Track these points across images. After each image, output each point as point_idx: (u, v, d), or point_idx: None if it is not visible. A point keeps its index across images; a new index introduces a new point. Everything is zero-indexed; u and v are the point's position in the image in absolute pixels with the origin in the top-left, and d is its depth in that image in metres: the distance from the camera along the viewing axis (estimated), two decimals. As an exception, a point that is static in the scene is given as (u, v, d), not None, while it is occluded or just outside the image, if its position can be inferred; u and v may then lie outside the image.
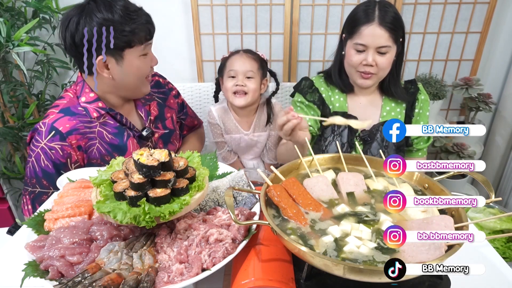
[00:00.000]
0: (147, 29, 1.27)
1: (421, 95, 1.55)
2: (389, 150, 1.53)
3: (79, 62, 1.28)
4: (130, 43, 1.23)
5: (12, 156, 2.20)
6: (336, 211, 0.86)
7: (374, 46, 1.37)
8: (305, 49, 2.25)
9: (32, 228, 0.93)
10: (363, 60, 1.40)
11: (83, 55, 1.23)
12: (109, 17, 1.19)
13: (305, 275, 0.79)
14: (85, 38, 1.19)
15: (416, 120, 1.55)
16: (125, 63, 1.26)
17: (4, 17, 1.90)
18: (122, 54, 1.24)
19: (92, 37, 1.19)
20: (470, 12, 2.12)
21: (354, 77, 1.48)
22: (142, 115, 1.47)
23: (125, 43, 1.22)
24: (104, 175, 0.91)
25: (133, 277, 0.74)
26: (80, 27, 1.19)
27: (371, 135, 1.52)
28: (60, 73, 2.33)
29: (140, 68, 1.31)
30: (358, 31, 1.39)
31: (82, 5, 1.22)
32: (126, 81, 1.31)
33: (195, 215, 0.93)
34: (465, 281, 0.88)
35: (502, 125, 2.39)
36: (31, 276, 0.77)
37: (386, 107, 1.55)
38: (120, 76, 1.28)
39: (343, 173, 0.98)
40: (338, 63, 1.53)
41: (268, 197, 0.87)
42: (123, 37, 1.21)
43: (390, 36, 1.36)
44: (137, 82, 1.34)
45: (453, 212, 0.82)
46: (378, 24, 1.35)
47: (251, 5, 2.13)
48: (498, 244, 1.58)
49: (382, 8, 1.37)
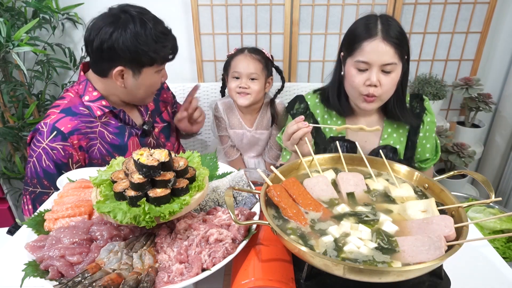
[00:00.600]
0: (172, 53, 1.32)
1: (427, 116, 1.41)
2: None
3: (97, 64, 1.30)
4: (152, 62, 1.27)
5: (12, 156, 2.20)
6: (336, 211, 0.86)
7: (379, 64, 1.22)
8: (305, 49, 2.25)
9: (32, 228, 0.93)
10: (366, 80, 1.25)
11: (105, 60, 1.26)
12: (141, 33, 1.22)
13: (305, 275, 0.79)
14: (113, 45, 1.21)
15: (421, 143, 1.42)
16: (141, 77, 1.30)
17: (4, 17, 1.90)
18: (141, 70, 1.28)
19: (119, 48, 1.21)
20: (470, 12, 2.12)
21: (356, 100, 1.33)
22: (142, 110, 1.49)
23: (148, 61, 1.26)
24: (104, 175, 0.91)
25: (133, 277, 0.74)
26: (113, 37, 1.21)
27: None
28: (60, 73, 2.33)
29: (153, 84, 1.35)
30: (359, 48, 1.24)
31: (115, 15, 1.24)
32: (136, 92, 1.34)
33: (195, 215, 0.93)
34: (465, 281, 0.89)
35: (502, 125, 2.39)
36: (31, 276, 0.77)
37: (388, 128, 1.42)
38: (131, 87, 1.32)
39: (343, 173, 0.98)
40: (337, 84, 1.38)
41: (268, 197, 0.87)
42: (147, 56, 1.25)
43: (395, 52, 1.22)
44: (145, 94, 1.38)
45: (453, 212, 0.82)
46: (382, 39, 1.21)
47: (251, 5, 2.13)
48: (498, 244, 1.58)
49: (385, 22, 1.23)
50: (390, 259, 0.72)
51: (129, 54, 1.22)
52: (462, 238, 0.72)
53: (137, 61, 1.25)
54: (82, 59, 2.26)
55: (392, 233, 0.78)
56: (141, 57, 1.24)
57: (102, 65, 1.28)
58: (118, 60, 1.24)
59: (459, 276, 0.83)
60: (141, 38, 1.22)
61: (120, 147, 1.38)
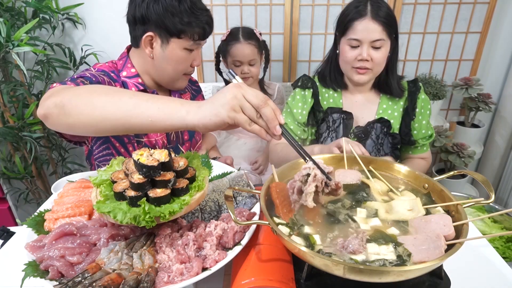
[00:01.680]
0: (203, 29, 1.28)
1: (422, 94, 1.55)
2: (384, 147, 1.53)
3: (132, 32, 1.31)
4: (180, 33, 1.25)
5: (12, 156, 2.21)
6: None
7: (368, 41, 1.37)
8: (305, 49, 2.26)
9: (32, 228, 0.93)
10: (358, 55, 1.40)
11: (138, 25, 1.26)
12: (175, 4, 1.21)
13: (305, 275, 0.79)
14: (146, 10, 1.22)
15: (418, 119, 1.54)
16: (168, 49, 1.27)
17: (4, 17, 1.90)
18: (169, 40, 1.26)
19: (152, 15, 1.22)
20: (470, 12, 2.12)
21: (349, 73, 1.47)
22: None
23: (177, 31, 1.24)
24: (104, 175, 0.91)
25: (133, 277, 0.74)
26: (145, 3, 1.22)
27: (365, 132, 1.52)
28: (60, 73, 2.33)
29: (179, 61, 1.31)
30: (351, 27, 1.39)
31: None
32: (163, 66, 1.31)
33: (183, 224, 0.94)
34: (465, 281, 0.89)
35: (502, 125, 2.39)
36: (31, 276, 0.77)
37: (383, 105, 1.55)
38: (159, 59, 1.30)
39: (341, 170, 0.99)
40: (333, 63, 1.53)
41: (268, 197, 0.87)
42: (177, 25, 1.23)
43: (383, 29, 1.36)
44: (173, 73, 1.34)
45: (453, 212, 0.82)
46: (371, 18, 1.36)
47: (251, 5, 2.13)
48: (498, 244, 1.58)
49: (374, 4, 1.38)
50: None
51: (156, 17, 1.21)
52: (461, 238, 0.72)
53: (166, 28, 1.23)
54: (82, 59, 2.26)
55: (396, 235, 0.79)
56: (169, 24, 1.22)
57: (136, 31, 1.28)
58: (149, 24, 1.24)
59: (459, 276, 0.83)
60: (173, 5, 1.21)
61: None
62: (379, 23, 1.35)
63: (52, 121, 0.94)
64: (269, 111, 0.77)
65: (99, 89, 0.94)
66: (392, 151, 1.54)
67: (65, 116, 0.90)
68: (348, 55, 1.42)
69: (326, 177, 0.84)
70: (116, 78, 1.33)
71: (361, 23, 1.37)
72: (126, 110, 0.84)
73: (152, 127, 0.84)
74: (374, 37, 1.36)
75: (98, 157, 1.37)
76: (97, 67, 1.32)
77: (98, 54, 2.27)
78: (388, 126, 1.51)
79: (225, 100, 0.77)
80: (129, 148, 1.36)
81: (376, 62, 1.40)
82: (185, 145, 1.53)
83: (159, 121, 0.82)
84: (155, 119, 0.82)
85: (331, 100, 1.57)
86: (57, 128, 0.98)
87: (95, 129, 0.90)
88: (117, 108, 0.85)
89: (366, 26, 1.36)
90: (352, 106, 1.55)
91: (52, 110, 0.92)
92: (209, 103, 0.79)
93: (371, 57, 1.39)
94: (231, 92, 0.77)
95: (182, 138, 1.51)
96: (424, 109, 1.54)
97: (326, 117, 1.55)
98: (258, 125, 0.78)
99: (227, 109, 0.76)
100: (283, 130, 0.78)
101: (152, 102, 0.84)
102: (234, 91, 0.77)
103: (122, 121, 0.85)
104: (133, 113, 0.84)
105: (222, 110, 0.76)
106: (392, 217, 0.84)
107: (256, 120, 0.78)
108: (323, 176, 0.83)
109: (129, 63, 1.35)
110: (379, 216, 0.84)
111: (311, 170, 0.82)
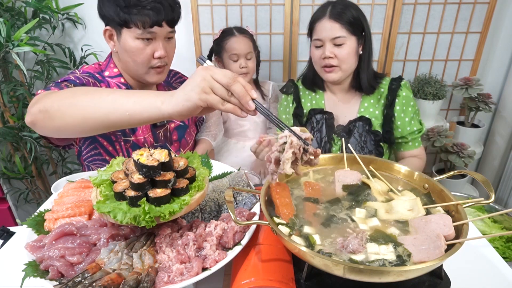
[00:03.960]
0: (149, 15, 1.22)
1: (402, 91, 1.54)
2: (368, 145, 1.54)
3: None
4: (126, 23, 1.23)
5: (12, 156, 2.20)
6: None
7: (329, 39, 1.43)
8: (305, 49, 2.25)
9: (32, 228, 0.93)
10: (322, 54, 1.46)
11: None
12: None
13: (305, 275, 0.79)
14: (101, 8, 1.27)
15: (400, 117, 1.54)
16: (122, 40, 1.28)
17: (4, 17, 1.90)
18: (121, 31, 1.27)
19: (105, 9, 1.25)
20: (470, 12, 2.12)
21: (321, 73, 1.53)
22: None
23: (122, 21, 1.23)
24: (104, 175, 0.91)
25: (133, 277, 0.74)
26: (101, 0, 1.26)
27: (347, 131, 1.55)
28: (60, 73, 2.33)
29: (136, 52, 1.27)
30: (314, 29, 1.48)
31: None
32: (125, 59, 1.31)
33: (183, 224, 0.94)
34: (465, 281, 0.89)
35: (502, 125, 2.39)
36: (31, 276, 0.77)
37: (365, 103, 1.57)
38: (120, 52, 1.31)
39: (341, 170, 0.99)
40: (311, 65, 1.59)
41: (268, 197, 0.87)
42: (120, 14, 1.22)
43: (342, 27, 1.42)
44: (134, 65, 1.31)
45: (453, 212, 0.82)
46: (329, 17, 1.43)
47: (251, 5, 2.13)
48: (498, 244, 1.58)
49: (335, 5, 1.45)
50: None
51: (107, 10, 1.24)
52: (461, 238, 0.72)
53: (113, 19, 1.24)
54: (82, 59, 2.26)
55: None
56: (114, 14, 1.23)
57: None
58: (106, 19, 1.28)
59: (459, 276, 0.83)
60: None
61: None
62: (336, 20, 1.42)
63: (40, 126, 0.98)
64: (239, 88, 0.77)
65: (80, 90, 0.97)
66: (376, 148, 1.56)
67: (50, 120, 0.94)
68: (315, 55, 1.50)
69: (303, 142, 0.82)
70: (101, 78, 1.34)
71: (320, 23, 1.45)
72: (105, 107, 0.87)
73: (130, 120, 0.86)
74: (334, 34, 1.42)
75: (87, 157, 1.37)
76: (83, 69, 1.34)
77: (98, 54, 2.27)
78: (369, 124, 1.54)
79: (194, 84, 0.77)
80: (116, 147, 1.36)
81: (340, 59, 1.45)
82: (174, 145, 1.53)
83: (136, 114, 0.85)
84: (132, 112, 0.85)
85: (314, 102, 1.62)
86: (46, 133, 1.01)
87: (80, 129, 0.93)
88: (98, 107, 0.88)
89: (325, 25, 1.44)
90: (334, 106, 1.60)
91: (38, 116, 0.95)
92: (181, 90, 0.80)
93: (334, 54, 1.44)
94: (199, 75, 0.78)
95: (170, 138, 1.51)
96: (406, 106, 1.55)
97: (310, 119, 1.61)
98: (231, 103, 0.79)
99: (198, 92, 0.77)
100: (256, 104, 0.78)
101: (128, 97, 0.86)
102: (202, 73, 0.78)
103: (102, 118, 0.88)
104: (111, 109, 0.87)
105: (192, 94, 0.77)
106: (392, 217, 0.84)
107: (228, 99, 0.78)
108: (300, 142, 0.82)
109: (112, 63, 1.37)
110: (380, 216, 0.84)
111: (287, 138, 0.81)
